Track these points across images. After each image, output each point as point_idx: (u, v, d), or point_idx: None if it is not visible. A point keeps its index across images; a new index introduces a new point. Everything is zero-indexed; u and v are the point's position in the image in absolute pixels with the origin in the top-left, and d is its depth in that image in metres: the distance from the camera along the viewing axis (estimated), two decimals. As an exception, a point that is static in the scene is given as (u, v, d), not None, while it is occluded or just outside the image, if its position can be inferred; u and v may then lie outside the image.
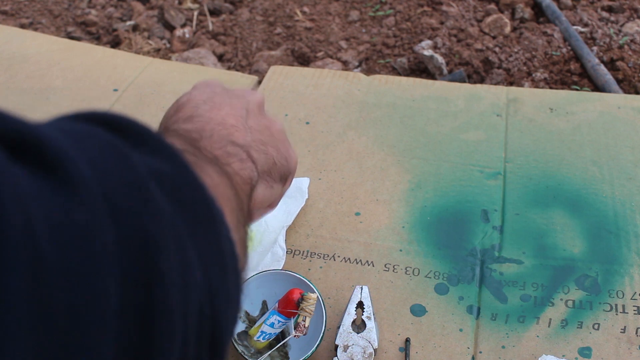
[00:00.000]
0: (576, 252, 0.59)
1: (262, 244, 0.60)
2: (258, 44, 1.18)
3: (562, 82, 1.02)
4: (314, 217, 0.63)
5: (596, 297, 0.55)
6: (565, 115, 0.73)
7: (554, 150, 0.69)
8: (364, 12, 1.24)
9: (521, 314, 0.54)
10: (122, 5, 1.35)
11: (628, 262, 0.57)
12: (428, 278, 0.57)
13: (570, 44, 1.07)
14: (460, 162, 0.68)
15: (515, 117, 0.73)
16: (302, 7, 1.26)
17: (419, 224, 0.62)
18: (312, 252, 0.60)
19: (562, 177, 0.66)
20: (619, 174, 0.66)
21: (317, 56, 1.13)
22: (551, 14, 1.14)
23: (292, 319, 0.48)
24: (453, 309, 0.55)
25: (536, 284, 0.56)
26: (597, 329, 0.53)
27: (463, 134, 0.71)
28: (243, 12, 1.25)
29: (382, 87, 0.78)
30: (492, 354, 0.52)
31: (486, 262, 0.58)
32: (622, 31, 1.10)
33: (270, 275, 0.53)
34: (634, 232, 0.60)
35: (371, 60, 1.12)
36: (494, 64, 1.05)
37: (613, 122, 0.72)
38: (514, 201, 0.64)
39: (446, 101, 0.76)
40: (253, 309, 0.53)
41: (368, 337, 0.50)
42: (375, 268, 0.58)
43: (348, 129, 0.73)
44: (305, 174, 0.67)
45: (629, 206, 0.62)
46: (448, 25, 1.16)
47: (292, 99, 0.77)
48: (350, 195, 0.65)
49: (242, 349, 0.51)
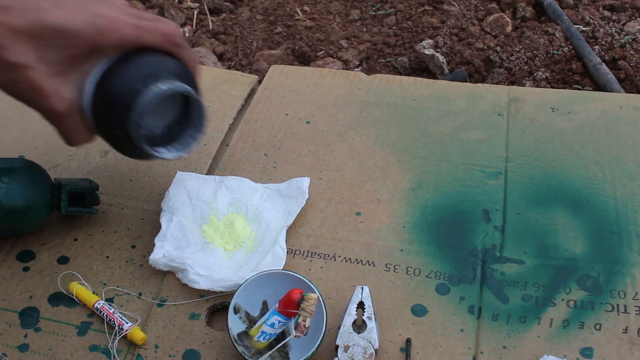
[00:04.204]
0: (578, 252, 0.59)
1: (262, 244, 0.60)
2: (258, 43, 1.18)
3: (564, 82, 1.02)
4: (315, 217, 0.63)
5: (598, 297, 0.55)
6: (567, 114, 0.73)
7: (556, 150, 0.69)
8: (364, 11, 1.24)
9: (522, 314, 0.54)
10: (122, 4, 1.35)
11: (630, 262, 0.57)
12: (429, 278, 0.57)
13: (571, 43, 1.06)
14: (461, 162, 0.68)
15: (516, 116, 0.73)
16: (303, 6, 1.26)
17: (420, 224, 0.62)
18: (313, 252, 0.60)
19: (563, 177, 0.66)
20: (620, 174, 0.65)
21: (317, 55, 1.13)
22: (552, 13, 1.14)
23: (292, 319, 0.48)
24: (454, 309, 0.55)
25: (537, 284, 0.56)
26: (599, 330, 0.52)
27: (464, 134, 0.71)
28: (243, 11, 1.25)
29: (383, 86, 0.78)
30: (494, 354, 0.51)
31: (487, 262, 0.58)
32: (624, 30, 1.10)
33: (270, 275, 0.53)
34: (636, 232, 0.60)
35: (372, 59, 1.12)
36: (495, 63, 1.04)
37: (615, 122, 0.71)
38: (515, 201, 0.63)
39: (447, 100, 0.76)
40: (253, 309, 0.53)
41: (369, 338, 0.50)
42: (375, 268, 0.58)
43: (349, 129, 0.73)
44: (306, 174, 0.67)
45: (630, 206, 0.62)
46: (449, 25, 1.15)
47: (292, 98, 0.77)
48: (351, 195, 0.65)
49: (242, 349, 0.50)
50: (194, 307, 0.56)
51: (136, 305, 0.57)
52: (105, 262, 0.60)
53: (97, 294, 0.57)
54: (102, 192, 0.65)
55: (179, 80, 0.53)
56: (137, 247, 0.61)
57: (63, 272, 0.59)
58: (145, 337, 0.54)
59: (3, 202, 0.56)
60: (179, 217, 0.61)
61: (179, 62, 0.55)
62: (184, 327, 0.55)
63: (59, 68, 0.49)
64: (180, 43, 0.54)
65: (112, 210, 0.65)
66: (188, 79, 0.55)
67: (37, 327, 0.55)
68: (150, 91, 0.51)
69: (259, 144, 0.71)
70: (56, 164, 0.70)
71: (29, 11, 0.47)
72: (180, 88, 0.52)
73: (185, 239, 0.60)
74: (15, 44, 0.47)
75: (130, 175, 0.68)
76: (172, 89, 0.52)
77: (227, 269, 0.58)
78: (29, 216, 0.58)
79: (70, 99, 0.51)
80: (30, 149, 0.72)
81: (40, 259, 0.61)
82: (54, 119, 0.52)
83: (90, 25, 0.49)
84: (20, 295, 0.58)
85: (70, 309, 0.57)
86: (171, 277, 0.58)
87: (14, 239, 0.62)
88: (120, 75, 0.52)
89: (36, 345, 0.54)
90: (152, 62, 0.53)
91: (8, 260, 0.61)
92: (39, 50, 0.48)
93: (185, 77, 0.55)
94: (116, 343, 0.53)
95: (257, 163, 0.69)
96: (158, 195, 0.66)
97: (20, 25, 0.47)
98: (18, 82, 0.49)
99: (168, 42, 0.53)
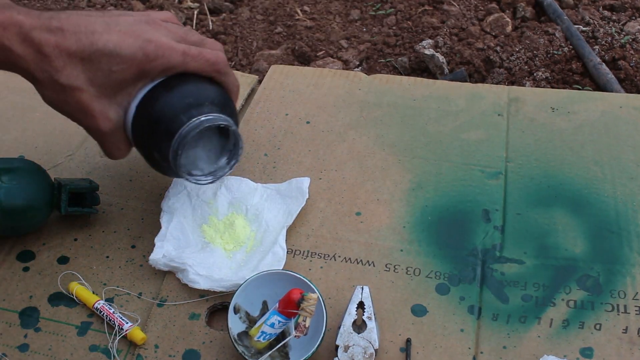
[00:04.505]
0: (578, 252, 0.59)
1: (262, 244, 0.60)
2: (258, 43, 1.18)
3: (564, 82, 1.02)
4: (315, 217, 0.63)
5: (598, 297, 0.55)
6: (567, 114, 0.73)
7: (556, 150, 0.69)
8: (364, 11, 1.24)
9: (522, 314, 0.54)
10: (122, 4, 1.35)
11: (630, 262, 0.57)
12: (429, 278, 0.57)
13: (571, 43, 1.06)
14: (461, 162, 0.68)
15: (516, 116, 0.73)
16: (303, 6, 1.26)
17: (420, 224, 0.62)
18: (313, 252, 0.60)
19: (563, 177, 0.66)
20: (620, 174, 0.65)
21: (317, 55, 1.13)
22: (552, 13, 1.14)
23: (292, 319, 0.48)
24: (454, 309, 0.55)
25: (537, 284, 0.56)
26: (599, 330, 0.52)
27: (464, 134, 0.71)
28: (243, 11, 1.25)
29: (383, 86, 0.78)
30: (494, 354, 0.51)
31: (487, 262, 0.58)
32: (624, 30, 1.10)
33: (270, 275, 0.53)
34: (636, 232, 0.60)
35: (372, 59, 1.12)
36: (495, 63, 1.04)
37: (615, 122, 0.71)
38: (515, 201, 0.63)
39: (447, 100, 0.76)
40: (253, 309, 0.53)
41: (369, 338, 0.50)
42: (376, 268, 0.58)
43: (349, 129, 0.73)
44: (306, 174, 0.67)
45: (630, 206, 0.62)
46: (449, 25, 1.15)
47: (292, 98, 0.77)
48: (351, 195, 0.65)
49: (242, 349, 0.50)
50: (194, 307, 0.56)
51: (136, 305, 0.57)
52: (105, 262, 0.60)
53: (97, 294, 0.57)
54: (102, 192, 0.65)
55: (220, 107, 0.55)
56: (137, 247, 0.61)
57: (63, 272, 0.59)
58: (145, 337, 0.54)
59: (3, 202, 0.56)
60: (179, 217, 0.61)
61: (220, 88, 0.57)
62: (184, 327, 0.55)
63: (107, 90, 0.52)
64: (223, 71, 0.56)
65: (112, 210, 0.65)
66: (228, 106, 0.57)
67: (37, 327, 0.55)
68: (191, 123, 0.52)
69: (258, 144, 0.71)
70: (56, 164, 0.70)
71: (82, 34, 0.49)
72: (220, 121, 0.54)
73: (185, 239, 0.60)
74: (67, 67, 0.49)
75: (130, 175, 0.68)
76: (212, 122, 0.53)
77: (227, 269, 0.58)
78: (29, 216, 0.58)
79: (115, 119, 0.53)
80: (30, 149, 0.72)
81: (40, 259, 0.61)
82: (99, 136, 0.55)
83: (140, 51, 0.51)
84: (20, 295, 0.58)
85: (70, 309, 0.57)
86: (171, 277, 0.58)
87: (14, 239, 0.62)
88: (164, 101, 0.53)
89: (36, 345, 0.54)
90: (195, 89, 0.55)
91: (8, 260, 0.61)
92: (90, 73, 0.50)
93: (225, 104, 0.56)
94: (116, 343, 0.53)
95: (257, 163, 0.69)
96: (158, 195, 0.66)
97: (73, 48, 0.49)
98: (68, 103, 0.51)
99: (212, 70, 0.55)
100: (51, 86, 0.51)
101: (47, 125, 0.75)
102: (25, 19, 0.48)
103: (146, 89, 0.54)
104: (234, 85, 0.58)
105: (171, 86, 0.54)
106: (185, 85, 0.54)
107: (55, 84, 0.50)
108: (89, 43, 0.49)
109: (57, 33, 0.48)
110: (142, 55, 0.51)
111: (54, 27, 0.48)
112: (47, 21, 0.48)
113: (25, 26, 0.48)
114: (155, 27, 0.52)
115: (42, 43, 0.48)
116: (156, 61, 0.52)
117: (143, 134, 0.55)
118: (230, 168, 0.58)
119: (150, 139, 0.55)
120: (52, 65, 0.49)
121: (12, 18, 0.47)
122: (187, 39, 0.55)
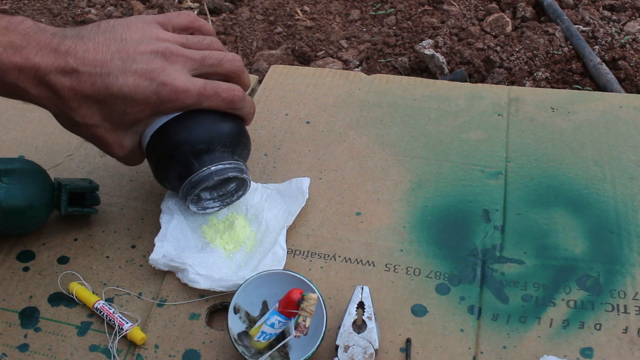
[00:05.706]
0: (578, 252, 0.59)
1: (262, 244, 0.60)
2: (258, 43, 1.18)
3: (564, 82, 1.02)
4: (315, 217, 0.63)
5: (598, 297, 0.55)
6: (567, 114, 0.73)
7: (556, 150, 0.69)
8: (364, 11, 1.24)
9: (522, 314, 0.54)
10: (122, 4, 1.35)
11: (630, 262, 0.57)
12: (429, 278, 0.57)
13: (571, 43, 1.06)
14: (461, 162, 0.68)
15: (516, 116, 0.73)
16: (303, 6, 1.26)
17: (420, 224, 0.62)
18: (313, 252, 0.60)
19: (563, 177, 0.66)
20: (620, 174, 0.65)
21: (317, 55, 1.13)
22: (552, 13, 1.14)
23: (292, 319, 0.48)
24: (454, 309, 0.55)
25: (537, 284, 0.56)
26: (599, 330, 0.52)
27: (464, 134, 0.71)
28: (243, 11, 1.25)
29: (383, 86, 0.78)
30: (494, 354, 0.51)
31: (487, 262, 0.58)
32: (623, 30, 1.10)
33: (270, 275, 0.53)
34: (636, 232, 0.60)
35: (372, 59, 1.12)
36: (495, 63, 1.04)
37: (615, 122, 0.71)
38: (515, 201, 0.63)
39: (447, 100, 0.76)
40: (253, 309, 0.53)
41: (369, 338, 0.50)
42: (376, 268, 0.58)
43: (349, 129, 0.73)
44: (306, 174, 0.67)
45: (630, 206, 0.62)
46: (449, 25, 1.15)
47: (292, 99, 0.77)
48: (351, 195, 0.65)
49: (242, 349, 0.50)
50: (194, 307, 0.56)
51: (136, 305, 0.57)
52: (105, 262, 0.60)
53: (97, 294, 0.57)
54: (102, 192, 0.65)
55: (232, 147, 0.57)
56: (137, 247, 0.61)
57: (63, 272, 0.59)
58: (145, 337, 0.54)
59: (3, 202, 0.56)
60: (179, 217, 0.61)
61: (234, 120, 0.58)
62: (184, 327, 0.55)
63: (122, 126, 0.54)
64: (238, 106, 0.57)
65: (112, 210, 0.65)
66: (240, 143, 0.59)
67: (37, 327, 0.55)
68: (201, 173, 0.55)
69: (258, 144, 0.71)
70: (56, 164, 0.70)
71: (97, 76, 0.50)
72: (229, 173, 0.56)
73: (185, 239, 0.60)
74: (82, 107, 0.51)
75: (130, 175, 0.68)
76: (221, 175, 0.56)
77: (227, 269, 0.58)
78: (29, 216, 0.58)
79: (130, 146, 0.56)
80: (30, 149, 0.72)
81: (40, 259, 0.61)
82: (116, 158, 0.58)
83: (154, 95, 0.52)
84: (20, 295, 0.58)
85: (70, 309, 0.57)
86: (171, 277, 0.58)
87: (14, 239, 0.62)
88: (177, 140, 0.55)
89: (36, 345, 0.54)
90: (207, 130, 0.56)
91: (8, 260, 0.61)
92: (104, 112, 0.52)
93: (238, 141, 0.58)
94: (116, 343, 0.53)
95: (257, 163, 0.69)
96: (158, 195, 0.66)
97: (88, 92, 0.50)
98: (83, 133, 0.54)
99: (227, 108, 0.56)
100: (67, 121, 0.53)
101: (47, 125, 0.75)
102: (41, 61, 0.49)
103: (162, 120, 0.56)
104: (249, 114, 0.59)
105: (185, 126, 0.55)
106: (199, 125, 0.55)
107: (71, 120, 0.52)
108: (104, 87, 0.50)
109: (72, 75, 0.49)
110: (157, 99, 0.52)
111: (70, 68, 0.49)
112: (63, 61, 0.49)
113: (41, 70, 0.49)
114: (172, 62, 0.53)
115: (58, 87, 0.49)
116: (170, 104, 0.53)
117: (155, 164, 0.58)
118: (237, 198, 0.62)
119: (162, 171, 0.58)
120: (68, 105, 0.51)
121: (28, 61, 0.48)
122: (204, 62, 0.55)
